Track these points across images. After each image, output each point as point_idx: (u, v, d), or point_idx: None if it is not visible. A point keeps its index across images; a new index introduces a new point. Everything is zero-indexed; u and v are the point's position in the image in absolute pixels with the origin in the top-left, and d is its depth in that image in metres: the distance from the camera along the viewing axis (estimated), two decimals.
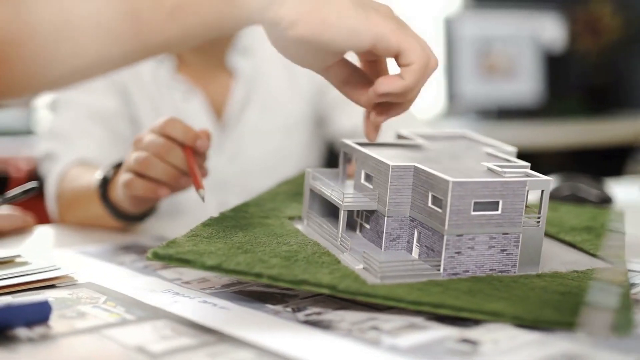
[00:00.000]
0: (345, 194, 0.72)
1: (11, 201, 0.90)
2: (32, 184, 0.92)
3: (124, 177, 0.89)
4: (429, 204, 0.68)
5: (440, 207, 0.66)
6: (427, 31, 2.95)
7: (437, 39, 2.99)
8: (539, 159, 1.90)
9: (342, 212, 0.72)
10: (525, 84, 3.07)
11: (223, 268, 0.63)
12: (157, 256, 0.64)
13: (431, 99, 2.97)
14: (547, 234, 0.81)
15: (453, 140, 0.85)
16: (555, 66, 3.13)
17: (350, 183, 0.78)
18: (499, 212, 0.67)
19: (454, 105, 2.98)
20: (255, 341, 0.56)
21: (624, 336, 0.56)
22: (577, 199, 1.07)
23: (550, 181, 0.69)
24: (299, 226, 0.78)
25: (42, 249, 0.89)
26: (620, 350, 0.53)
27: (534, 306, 0.60)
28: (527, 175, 0.70)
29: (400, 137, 0.85)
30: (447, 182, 0.65)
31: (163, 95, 1.28)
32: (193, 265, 0.63)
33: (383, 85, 0.68)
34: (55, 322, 0.60)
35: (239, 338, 0.56)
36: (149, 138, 0.87)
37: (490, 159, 0.76)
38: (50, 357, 0.53)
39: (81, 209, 1.02)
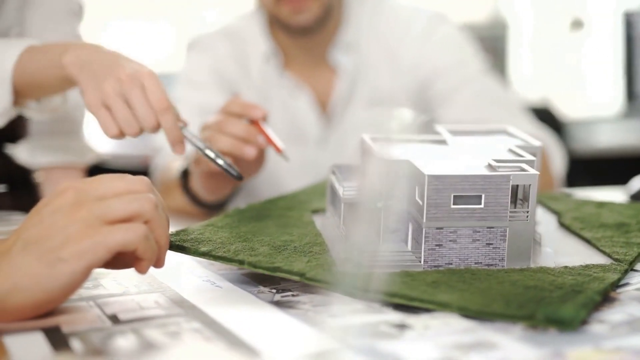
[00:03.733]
0: (345, 187, 0.76)
1: None
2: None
3: (194, 156, 0.98)
4: (416, 197, 0.70)
5: (422, 200, 0.68)
6: (605, 27, 2.83)
7: (616, 34, 2.85)
8: None
9: (342, 204, 0.75)
10: None
11: (212, 255, 0.70)
12: None
13: (608, 98, 2.84)
14: (570, 230, 0.80)
15: (488, 136, 0.86)
16: None
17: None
18: (482, 205, 0.68)
19: (634, 105, 2.82)
20: (209, 313, 0.62)
21: (569, 330, 0.56)
22: None
23: (535, 176, 0.68)
24: (318, 218, 0.83)
25: None
26: (536, 344, 0.54)
27: (487, 298, 0.60)
28: (522, 170, 0.70)
29: (434, 133, 0.87)
30: (424, 175, 0.67)
31: (271, 93, 1.37)
32: (188, 252, 0.71)
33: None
34: None
35: (200, 310, 0.63)
36: (212, 119, 0.96)
37: (506, 154, 0.77)
38: (39, 320, 0.61)
39: (171, 198, 1.13)
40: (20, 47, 0.88)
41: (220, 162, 0.86)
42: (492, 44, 3.21)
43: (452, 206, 0.68)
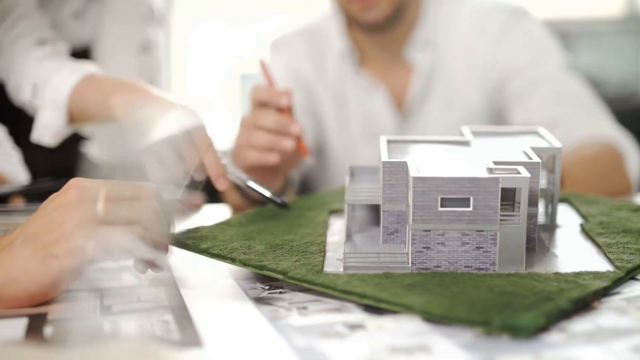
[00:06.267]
0: (349, 189, 0.76)
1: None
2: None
3: (235, 152, 1.02)
4: (409, 198, 0.70)
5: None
6: None
7: None
8: None
9: (346, 205, 0.76)
10: None
11: (209, 252, 0.72)
12: None
13: None
14: (588, 234, 0.77)
15: (513, 137, 0.84)
16: None
17: None
18: (471, 208, 0.67)
19: None
20: (189, 307, 0.65)
21: (522, 338, 0.54)
22: None
23: (526, 179, 0.66)
24: (334, 219, 0.84)
25: None
26: (473, 350, 0.53)
27: (454, 302, 0.59)
28: (517, 172, 0.68)
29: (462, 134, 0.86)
30: (410, 177, 0.67)
31: (347, 90, 1.38)
32: (189, 248, 0.74)
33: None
34: (88, 281, 0.73)
35: (183, 303, 0.66)
36: (245, 114, 0.99)
37: (519, 155, 0.75)
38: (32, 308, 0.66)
39: (231, 196, 1.17)
40: (80, 74, 0.96)
41: (264, 192, 0.88)
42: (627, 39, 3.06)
43: (440, 208, 0.67)
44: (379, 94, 1.37)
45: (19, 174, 1.11)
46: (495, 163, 0.71)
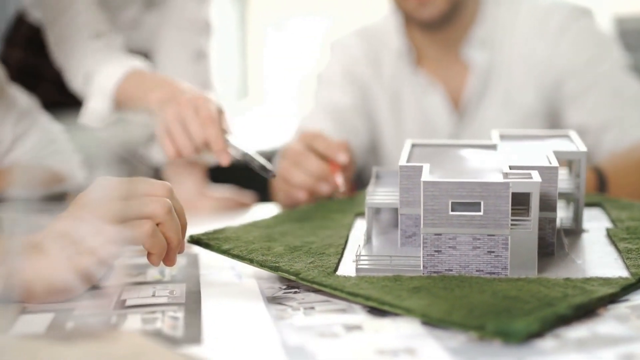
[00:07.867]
0: (370, 192, 0.77)
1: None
2: None
3: (273, 183, 1.04)
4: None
5: None
6: None
7: None
8: None
9: (366, 208, 0.77)
10: None
11: (230, 253, 0.75)
12: (192, 239, 0.78)
13: None
14: (612, 239, 0.76)
15: (544, 140, 0.83)
16: None
17: None
18: (482, 213, 0.67)
19: None
20: (203, 304, 0.67)
21: (513, 343, 0.54)
22: None
23: (537, 184, 0.66)
24: (360, 221, 0.85)
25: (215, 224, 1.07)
26: (459, 354, 0.53)
27: (453, 306, 0.60)
28: (532, 178, 0.68)
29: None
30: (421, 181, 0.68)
31: (403, 89, 1.39)
32: (212, 249, 0.76)
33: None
34: (115, 277, 0.77)
35: (198, 301, 0.68)
36: (293, 148, 1.01)
37: (542, 159, 0.74)
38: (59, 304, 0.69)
39: (277, 193, 1.19)
40: (125, 68, 1.06)
41: (261, 163, 0.91)
42: None
43: (451, 212, 0.67)
44: (435, 93, 1.37)
45: (76, 171, 1.15)
46: (511, 167, 0.70)
